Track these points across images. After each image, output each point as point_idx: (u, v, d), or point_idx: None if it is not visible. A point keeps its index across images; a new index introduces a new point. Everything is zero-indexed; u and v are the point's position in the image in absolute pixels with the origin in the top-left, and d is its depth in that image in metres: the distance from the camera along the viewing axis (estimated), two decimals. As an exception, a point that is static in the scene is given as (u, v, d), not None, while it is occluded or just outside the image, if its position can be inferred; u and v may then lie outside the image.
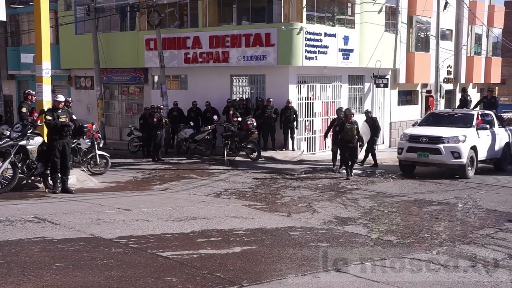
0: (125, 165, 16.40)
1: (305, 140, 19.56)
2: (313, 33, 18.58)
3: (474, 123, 14.85)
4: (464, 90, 20.29)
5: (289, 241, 7.73)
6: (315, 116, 19.74)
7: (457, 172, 14.18)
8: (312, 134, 19.76)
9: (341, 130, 13.99)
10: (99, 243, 7.20)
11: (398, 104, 24.59)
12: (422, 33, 25.25)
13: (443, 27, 24.90)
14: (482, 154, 14.89)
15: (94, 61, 22.03)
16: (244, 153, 17.60)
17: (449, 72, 27.37)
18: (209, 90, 20.24)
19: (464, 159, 13.96)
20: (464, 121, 15.06)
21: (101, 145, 14.81)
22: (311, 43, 18.51)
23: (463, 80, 28.60)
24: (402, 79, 24.02)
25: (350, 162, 14.00)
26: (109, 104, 23.98)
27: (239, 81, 20.51)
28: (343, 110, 14.98)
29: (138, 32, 21.84)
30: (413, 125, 16.18)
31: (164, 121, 17.75)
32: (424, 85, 26.06)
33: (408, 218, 9.71)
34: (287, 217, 9.57)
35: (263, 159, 17.38)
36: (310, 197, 11.47)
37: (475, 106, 18.43)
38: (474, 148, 14.38)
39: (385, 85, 22.18)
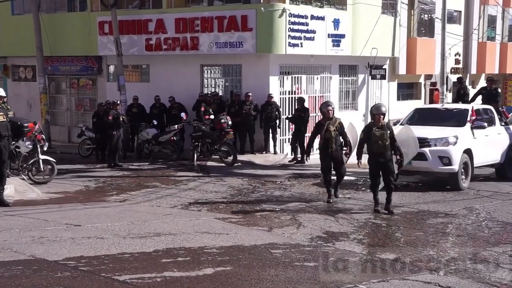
0: (74, 172, 16.27)
1: (289, 142, 19.59)
2: (298, 16, 18.64)
3: (468, 121, 14.30)
4: (460, 81, 20.20)
5: (270, 260, 7.73)
6: (301, 113, 19.79)
7: (447, 182, 13.73)
8: (298, 134, 19.80)
9: (368, 138, 11.26)
10: (42, 266, 7.11)
11: (398, 99, 24.81)
12: (426, 15, 25.53)
13: (450, 8, 25.18)
14: (479, 159, 14.28)
15: (36, 47, 21.78)
16: (218, 157, 17.57)
17: (457, 61, 27.70)
18: (176, 83, 20.18)
19: (456, 166, 13.43)
20: (456, 119, 14.59)
21: (45, 149, 14.69)
22: (296, 27, 18.57)
23: (473, 70, 28.97)
24: (402, 69, 24.24)
25: (386, 187, 11.25)
26: (55, 99, 23.73)
27: (211, 72, 20.48)
28: (329, 110, 12.04)
29: (90, 13, 21.67)
30: (394, 124, 15.86)
31: (121, 119, 17.64)
32: (428, 77, 26.33)
33: (409, 233, 9.77)
34: (267, 232, 9.57)
35: (240, 163, 17.37)
36: (295, 209, 11.46)
37: (472, 100, 18.14)
38: (468, 151, 13.86)
39: (382, 77, 22.35)
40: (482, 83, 29.58)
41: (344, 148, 12.05)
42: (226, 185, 14.21)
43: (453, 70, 26.99)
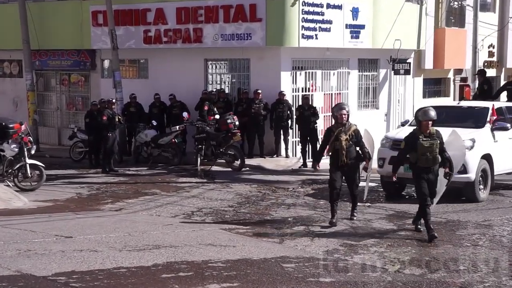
0: (65, 178, 16.35)
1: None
2: (312, 4, 18.65)
3: (488, 121, 13.86)
4: (483, 74, 19.72)
5: (282, 275, 7.75)
6: (315, 113, 19.81)
7: (463, 192, 13.30)
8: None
9: (412, 147, 10.15)
10: (29, 282, 7.14)
11: (424, 96, 24.75)
12: (456, 3, 25.47)
13: (483, -6, 25.13)
14: (500, 166, 13.90)
15: (22, 39, 21.87)
16: (224, 161, 17.61)
17: (491, 54, 27.58)
18: (177, 79, 20.23)
19: (472, 174, 12.98)
20: (475, 119, 14.20)
21: (32, 152, 14.73)
22: (310, 17, 18.58)
23: (509, 63, 28.81)
24: (428, 63, 24.17)
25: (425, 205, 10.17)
26: (44, 97, 23.86)
27: (216, 67, 20.52)
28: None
29: (82, 2, 21.77)
30: (402, 125, 15.25)
31: (117, 119, 17.70)
32: (458, 71, 26.25)
33: (437, 245, 9.76)
34: (279, 244, 9.59)
35: (248, 168, 17.42)
36: (309, 218, 11.50)
37: (495, 96, 17.89)
38: (487, 157, 13.46)
39: (407, 72, 22.31)
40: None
41: (363, 163, 11.11)
42: (233, 192, 14.24)
43: (486, 64, 26.83)
